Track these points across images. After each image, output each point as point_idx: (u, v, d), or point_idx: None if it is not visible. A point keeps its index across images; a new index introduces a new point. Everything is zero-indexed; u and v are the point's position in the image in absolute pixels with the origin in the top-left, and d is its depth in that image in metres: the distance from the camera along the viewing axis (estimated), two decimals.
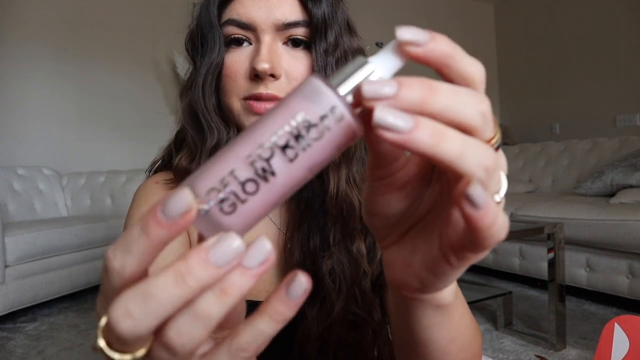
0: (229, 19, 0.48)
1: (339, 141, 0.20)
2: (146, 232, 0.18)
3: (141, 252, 0.19)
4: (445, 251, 0.23)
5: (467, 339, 0.37)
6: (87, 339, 1.99)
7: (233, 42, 0.49)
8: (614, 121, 3.93)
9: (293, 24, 0.47)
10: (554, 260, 1.72)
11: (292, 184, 0.20)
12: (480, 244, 0.21)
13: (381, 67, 0.21)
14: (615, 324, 0.71)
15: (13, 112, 3.18)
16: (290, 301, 0.20)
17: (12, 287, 2.13)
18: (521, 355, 1.68)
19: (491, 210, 0.19)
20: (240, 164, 0.19)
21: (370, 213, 0.27)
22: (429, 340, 0.33)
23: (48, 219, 2.65)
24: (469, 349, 0.38)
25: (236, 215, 0.19)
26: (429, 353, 0.35)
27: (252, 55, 0.48)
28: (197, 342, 0.19)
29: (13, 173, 2.85)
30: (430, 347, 0.34)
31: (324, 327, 0.52)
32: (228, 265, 0.18)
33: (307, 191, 0.55)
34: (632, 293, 2.00)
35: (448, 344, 0.34)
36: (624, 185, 2.37)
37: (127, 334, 0.18)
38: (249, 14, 0.47)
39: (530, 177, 3.32)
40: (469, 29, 4.93)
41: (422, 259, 0.25)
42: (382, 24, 4.38)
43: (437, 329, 0.32)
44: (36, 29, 3.25)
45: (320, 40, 0.48)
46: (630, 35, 3.79)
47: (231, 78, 0.49)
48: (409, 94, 0.20)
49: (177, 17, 3.68)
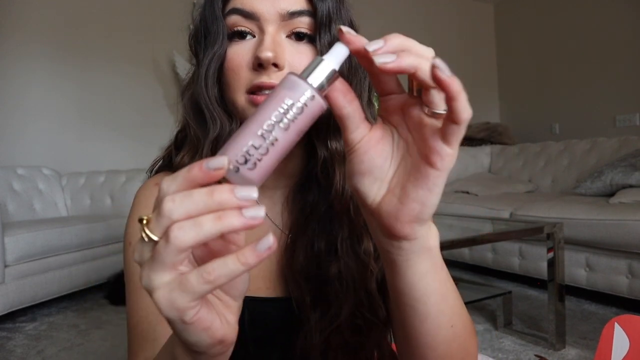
0: (232, 8, 0.49)
1: (313, 113, 0.30)
2: (190, 171, 0.27)
3: (182, 182, 0.27)
4: (426, 153, 0.31)
5: (458, 303, 0.42)
6: (87, 339, 1.99)
7: (236, 35, 0.49)
8: (613, 121, 3.93)
9: (297, 13, 0.47)
10: (554, 260, 1.72)
11: (288, 144, 0.30)
12: (456, 113, 0.28)
13: (332, 61, 0.31)
14: (616, 324, 0.71)
15: (13, 112, 3.18)
16: (257, 252, 0.26)
17: (11, 287, 2.13)
18: (521, 355, 1.68)
19: (456, 79, 0.28)
20: (254, 137, 0.29)
21: (359, 174, 0.34)
22: (424, 294, 0.38)
23: (48, 219, 2.65)
24: (460, 319, 0.42)
25: (256, 170, 0.29)
26: (426, 311, 0.38)
27: (255, 46, 0.48)
28: (186, 242, 0.25)
29: (13, 173, 2.84)
30: (427, 302, 0.38)
31: (329, 332, 0.52)
32: (244, 200, 0.26)
33: (312, 195, 0.55)
34: (632, 293, 2.00)
35: (441, 301, 0.39)
36: (624, 185, 2.37)
37: (167, 212, 0.26)
38: (253, 4, 0.48)
39: (530, 177, 3.33)
40: (469, 29, 4.93)
41: (412, 182, 0.32)
42: (383, 24, 4.38)
43: (430, 278, 0.37)
44: (36, 29, 3.24)
45: (324, 33, 0.48)
46: (630, 35, 3.80)
47: (234, 71, 0.49)
48: (390, 44, 0.29)
49: (177, 17, 3.67)
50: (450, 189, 3.31)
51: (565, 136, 4.08)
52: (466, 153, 3.73)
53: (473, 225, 2.05)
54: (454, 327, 0.40)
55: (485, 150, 3.81)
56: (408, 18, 4.57)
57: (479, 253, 2.69)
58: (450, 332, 0.40)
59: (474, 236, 1.66)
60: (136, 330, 0.50)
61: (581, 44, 4.17)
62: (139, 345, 0.49)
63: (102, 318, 2.26)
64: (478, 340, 0.52)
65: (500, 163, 3.63)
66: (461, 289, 2.07)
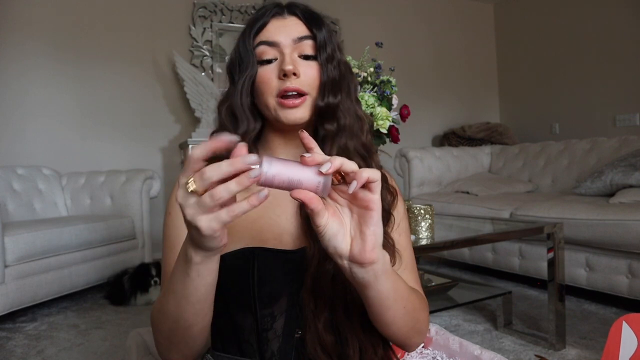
0: (260, 41, 0.68)
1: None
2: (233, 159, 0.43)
3: (207, 150, 0.43)
4: (364, 204, 0.49)
5: (406, 290, 0.61)
6: (87, 339, 1.99)
7: (264, 62, 0.68)
8: (613, 121, 3.94)
9: (304, 37, 0.68)
10: (554, 260, 1.72)
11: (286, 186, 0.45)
12: (364, 181, 0.47)
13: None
14: (624, 323, 0.72)
15: (13, 112, 3.18)
16: (250, 178, 0.42)
17: (11, 287, 2.13)
18: (521, 355, 1.68)
19: (358, 173, 0.46)
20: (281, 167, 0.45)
21: (331, 239, 0.50)
22: (387, 295, 0.56)
23: (48, 219, 2.65)
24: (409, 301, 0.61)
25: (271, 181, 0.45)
26: (388, 304, 0.57)
27: (279, 63, 0.68)
28: (222, 197, 0.42)
29: (13, 173, 2.84)
30: (389, 298, 0.57)
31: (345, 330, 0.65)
32: (249, 164, 0.42)
33: None
34: (632, 293, 2.00)
35: (396, 295, 0.58)
36: (624, 185, 2.37)
37: (206, 178, 0.42)
38: (274, 37, 0.68)
39: (530, 177, 3.32)
40: (469, 29, 4.93)
41: (363, 225, 0.50)
42: (383, 24, 4.38)
43: (390, 284, 0.56)
44: (36, 29, 3.25)
45: (323, 52, 0.68)
46: (630, 35, 3.80)
47: (266, 83, 0.67)
48: (334, 163, 0.47)
49: (177, 17, 3.69)
50: (451, 189, 3.31)
51: (565, 136, 4.09)
52: (466, 153, 3.73)
53: (473, 225, 2.05)
54: (406, 308, 0.60)
55: (485, 150, 3.81)
56: (408, 18, 4.57)
57: (479, 253, 2.69)
58: (404, 311, 0.60)
59: (474, 236, 1.66)
60: (166, 277, 0.69)
61: (581, 43, 4.17)
62: None
63: (102, 318, 2.26)
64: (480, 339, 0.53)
65: (500, 163, 3.63)
66: (461, 289, 2.07)
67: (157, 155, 3.59)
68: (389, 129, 1.49)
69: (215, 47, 3.78)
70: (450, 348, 0.91)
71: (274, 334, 0.65)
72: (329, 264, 0.61)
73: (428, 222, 1.55)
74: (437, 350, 0.92)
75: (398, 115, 1.57)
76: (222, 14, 3.82)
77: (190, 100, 3.54)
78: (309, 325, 0.64)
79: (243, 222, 0.66)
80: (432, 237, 1.55)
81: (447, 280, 1.97)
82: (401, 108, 1.57)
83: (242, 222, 0.66)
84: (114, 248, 2.70)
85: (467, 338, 1.82)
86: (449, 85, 4.77)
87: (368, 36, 3.12)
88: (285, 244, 0.67)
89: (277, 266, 0.65)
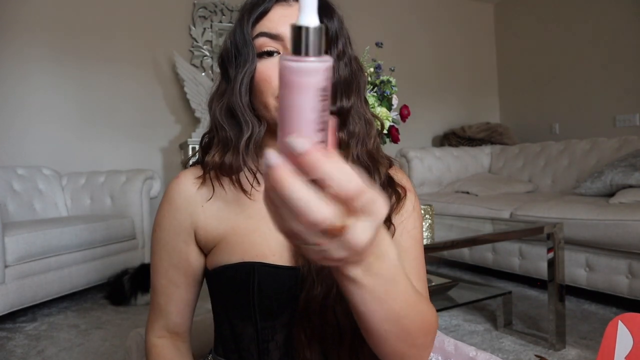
0: (260, 32, 0.59)
1: None
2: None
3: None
4: None
5: (406, 294, 0.47)
6: (87, 339, 1.99)
7: (265, 53, 0.60)
8: (613, 121, 3.93)
9: None
10: (554, 260, 1.72)
11: None
12: None
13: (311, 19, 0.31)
14: (619, 322, 0.72)
15: (13, 112, 3.18)
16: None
17: (11, 287, 2.13)
18: (521, 355, 1.68)
19: None
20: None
21: None
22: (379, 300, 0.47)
23: (48, 219, 2.65)
24: (413, 308, 0.47)
25: None
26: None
27: None
28: None
29: (13, 173, 2.84)
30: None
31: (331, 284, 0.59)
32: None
33: None
34: (632, 293, 2.00)
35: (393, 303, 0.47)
36: (624, 185, 2.37)
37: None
38: (277, 28, 0.59)
39: (530, 177, 3.33)
40: (469, 29, 4.92)
41: None
42: (383, 24, 4.38)
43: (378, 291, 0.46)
44: (36, 29, 3.25)
45: (333, 47, 0.60)
46: (630, 36, 3.80)
47: (266, 81, 0.59)
48: None
49: (177, 18, 3.69)
50: (451, 189, 3.31)
51: (565, 136, 4.08)
52: (466, 153, 3.73)
53: (473, 225, 2.05)
54: (406, 317, 0.47)
55: (485, 150, 3.81)
56: (408, 18, 4.57)
57: (479, 253, 2.69)
58: (398, 325, 0.48)
59: (474, 236, 1.67)
60: (154, 303, 0.69)
61: (581, 44, 4.17)
62: (154, 315, 0.71)
63: (102, 318, 2.26)
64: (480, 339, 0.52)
65: (500, 163, 3.63)
66: (461, 289, 2.07)
67: (157, 156, 3.59)
68: (389, 129, 1.50)
69: (215, 47, 3.78)
70: (446, 350, 0.91)
71: (275, 345, 0.63)
72: (319, 287, 0.58)
73: (428, 222, 1.55)
74: (432, 353, 0.92)
75: (398, 115, 1.57)
76: (222, 14, 3.82)
77: (190, 101, 3.54)
78: (298, 354, 0.61)
79: (238, 235, 0.63)
80: (432, 237, 1.56)
81: (447, 281, 1.97)
82: (401, 108, 1.57)
83: (238, 235, 0.63)
84: (114, 248, 2.70)
85: (467, 338, 1.83)
86: (449, 85, 4.77)
87: (368, 36, 3.12)
88: (286, 260, 0.62)
89: (278, 282, 0.62)
